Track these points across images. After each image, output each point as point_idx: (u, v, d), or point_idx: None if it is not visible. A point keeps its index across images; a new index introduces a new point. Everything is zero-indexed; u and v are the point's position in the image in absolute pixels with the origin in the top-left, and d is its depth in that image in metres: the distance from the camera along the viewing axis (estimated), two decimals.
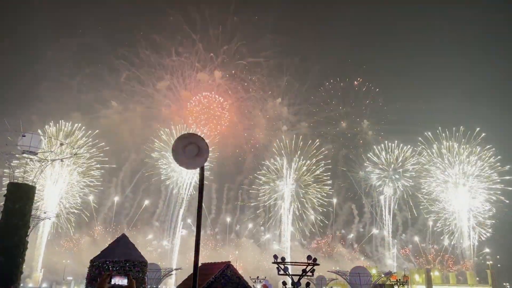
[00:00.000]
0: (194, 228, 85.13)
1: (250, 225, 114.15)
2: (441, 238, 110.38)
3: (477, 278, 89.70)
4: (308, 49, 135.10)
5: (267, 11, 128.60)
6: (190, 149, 5.66)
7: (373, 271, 78.90)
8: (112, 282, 5.03)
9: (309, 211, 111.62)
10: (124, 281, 5.06)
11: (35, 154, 41.99)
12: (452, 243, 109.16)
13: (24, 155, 43.48)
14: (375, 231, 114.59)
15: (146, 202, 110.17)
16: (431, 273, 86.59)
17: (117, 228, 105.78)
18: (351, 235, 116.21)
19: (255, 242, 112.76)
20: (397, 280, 61.00)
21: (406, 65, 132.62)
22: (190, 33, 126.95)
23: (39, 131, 72.91)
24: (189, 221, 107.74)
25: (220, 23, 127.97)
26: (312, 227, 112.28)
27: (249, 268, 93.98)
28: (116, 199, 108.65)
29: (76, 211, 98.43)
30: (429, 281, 79.98)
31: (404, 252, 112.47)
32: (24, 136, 41.95)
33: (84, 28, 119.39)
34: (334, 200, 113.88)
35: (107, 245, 35.15)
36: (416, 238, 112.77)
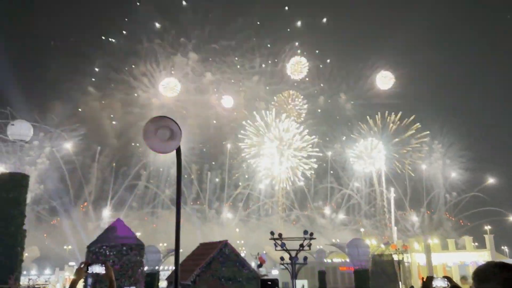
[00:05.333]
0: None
1: (228, 202, 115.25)
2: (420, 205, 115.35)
3: (476, 244, 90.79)
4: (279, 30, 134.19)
5: None
6: (162, 133, 5.16)
7: (373, 242, 79.85)
8: (89, 271, 5.08)
9: (293, 183, 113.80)
10: (101, 269, 5.11)
11: (25, 141, 41.51)
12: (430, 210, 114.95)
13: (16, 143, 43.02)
14: (352, 201, 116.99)
15: (124, 185, 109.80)
16: (430, 241, 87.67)
17: (98, 211, 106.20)
18: (329, 207, 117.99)
19: (234, 218, 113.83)
20: (396, 249, 61.41)
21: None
22: (161, 19, 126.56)
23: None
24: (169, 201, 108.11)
25: (192, 8, 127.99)
26: (294, 198, 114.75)
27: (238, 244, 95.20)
28: (95, 182, 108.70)
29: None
30: (427, 249, 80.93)
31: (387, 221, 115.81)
32: (13, 124, 41.33)
33: (53, 17, 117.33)
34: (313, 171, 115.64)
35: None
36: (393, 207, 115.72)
